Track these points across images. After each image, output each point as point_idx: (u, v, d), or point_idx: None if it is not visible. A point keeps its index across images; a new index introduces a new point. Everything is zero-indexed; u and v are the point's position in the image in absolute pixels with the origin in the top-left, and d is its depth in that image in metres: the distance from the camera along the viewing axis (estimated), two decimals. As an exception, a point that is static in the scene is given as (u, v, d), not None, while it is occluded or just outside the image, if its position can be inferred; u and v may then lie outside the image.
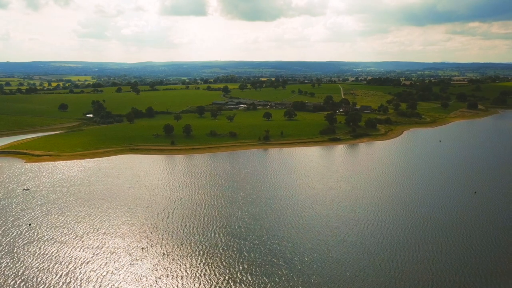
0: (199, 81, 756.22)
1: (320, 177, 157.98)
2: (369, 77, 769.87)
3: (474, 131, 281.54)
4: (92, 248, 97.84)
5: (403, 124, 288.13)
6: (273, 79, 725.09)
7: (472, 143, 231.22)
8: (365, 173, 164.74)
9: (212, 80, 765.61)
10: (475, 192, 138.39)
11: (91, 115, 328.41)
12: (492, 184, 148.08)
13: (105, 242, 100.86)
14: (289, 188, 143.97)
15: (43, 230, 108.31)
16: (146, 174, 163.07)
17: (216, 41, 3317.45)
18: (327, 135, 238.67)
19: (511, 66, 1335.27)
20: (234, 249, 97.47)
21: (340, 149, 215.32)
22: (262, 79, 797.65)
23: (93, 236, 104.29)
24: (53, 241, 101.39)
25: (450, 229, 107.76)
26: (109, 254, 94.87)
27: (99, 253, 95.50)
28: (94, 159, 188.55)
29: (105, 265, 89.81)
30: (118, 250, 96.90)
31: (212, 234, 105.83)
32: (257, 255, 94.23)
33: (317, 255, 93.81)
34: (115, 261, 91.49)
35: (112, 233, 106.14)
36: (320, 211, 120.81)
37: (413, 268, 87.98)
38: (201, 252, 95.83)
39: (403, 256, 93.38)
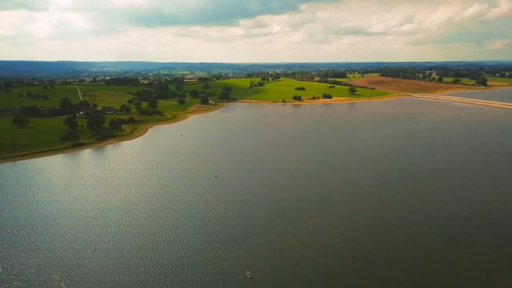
0: None
1: (64, 187, 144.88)
2: (107, 77, 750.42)
3: (208, 122, 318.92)
4: None
5: (146, 122, 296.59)
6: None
7: (209, 134, 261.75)
8: (115, 175, 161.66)
9: None
10: (216, 176, 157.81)
11: None
12: (228, 168, 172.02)
13: None
14: (26, 207, 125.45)
15: None
16: None
17: None
18: (70, 140, 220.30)
19: (228, 66, 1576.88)
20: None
21: (85, 154, 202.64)
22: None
23: None
24: None
25: (201, 212, 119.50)
26: None
27: None
28: None
29: None
30: None
31: None
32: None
33: (68, 272, 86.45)
34: None
35: None
36: (67, 225, 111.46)
37: (169, 259, 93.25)
38: None
39: (157, 251, 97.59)
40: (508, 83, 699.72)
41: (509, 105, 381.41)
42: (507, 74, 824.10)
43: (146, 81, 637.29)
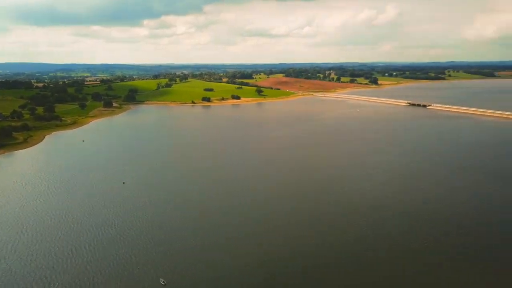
0: None
1: None
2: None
3: (113, 127, 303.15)
4: None
5: (43, 129, 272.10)
6: None
7: (114, 139, 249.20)
8: (4, 190, 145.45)
9: None
10: (124, 182, 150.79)
11: None
12: (137, 174, 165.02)
13: None
14: None
15: None
16: None
17: None
18: None
19: (133, 67, 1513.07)
20: None
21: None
22: None
23: None
24: None
25: (107, 220, 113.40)
26: None
27: None
28: None
29: None
30: None
31: None
32: None
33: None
34: None
35: None
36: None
37: (72, 275, 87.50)
38: None
39: (58, 268, 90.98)
40: (395, 82, 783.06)
41: (396, 102, 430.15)
42: (394, 73, 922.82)
43: (41, 84, 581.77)
